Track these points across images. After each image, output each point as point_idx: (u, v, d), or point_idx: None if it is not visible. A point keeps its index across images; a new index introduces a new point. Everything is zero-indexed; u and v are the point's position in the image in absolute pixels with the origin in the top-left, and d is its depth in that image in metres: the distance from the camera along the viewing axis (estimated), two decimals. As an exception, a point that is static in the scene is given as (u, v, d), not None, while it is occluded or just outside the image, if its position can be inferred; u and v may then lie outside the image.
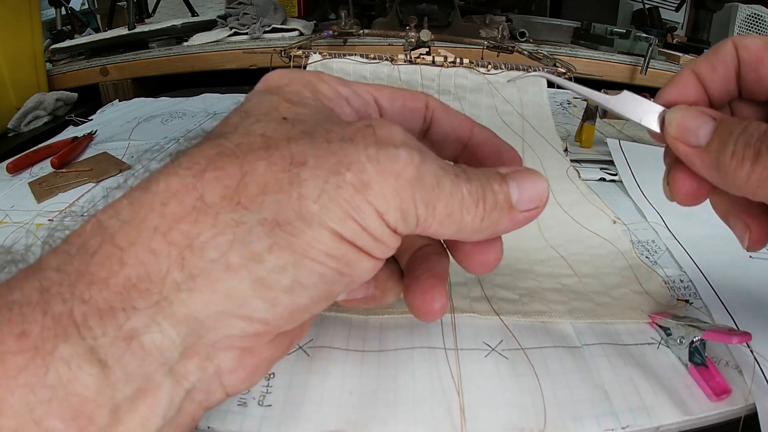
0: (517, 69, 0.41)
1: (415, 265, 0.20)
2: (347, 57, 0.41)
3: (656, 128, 0.19)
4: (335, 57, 0.41)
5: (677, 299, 0.30)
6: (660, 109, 0.19)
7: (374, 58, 0.41)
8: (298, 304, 0.15)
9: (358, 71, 0.41)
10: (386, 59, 0.41)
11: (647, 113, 0.19)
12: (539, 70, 0.41)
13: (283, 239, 0.14)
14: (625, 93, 0.19)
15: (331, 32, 0.47)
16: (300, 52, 0.41)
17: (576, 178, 0.41)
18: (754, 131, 0.16)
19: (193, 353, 0.14)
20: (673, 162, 0.19)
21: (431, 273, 0.20)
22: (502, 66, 0.40)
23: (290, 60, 0.41)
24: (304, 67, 0.41)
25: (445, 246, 0.21)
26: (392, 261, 0.21)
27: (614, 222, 0.37)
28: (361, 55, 0.41)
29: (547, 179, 0.18)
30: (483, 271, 0.19)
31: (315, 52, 0.41)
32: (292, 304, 0.15)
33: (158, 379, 0.14)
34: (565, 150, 0.42)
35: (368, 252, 0.15)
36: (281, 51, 0.42)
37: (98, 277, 0.13)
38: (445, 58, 0.41)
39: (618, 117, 0.45)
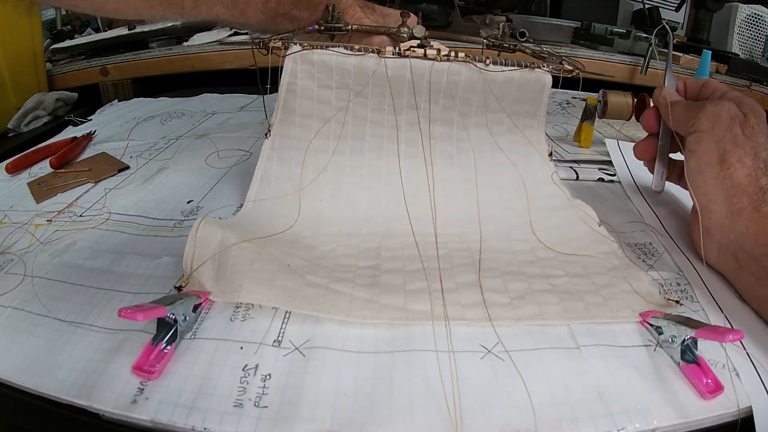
0: (521, 66, 0.39)
1: None
2: (330, 49, 0.39)
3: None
4: (316, 48, 0.39)
5: (668, 299, 0.30)
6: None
7: (359, 50, 0.38)
8: None
9: (341, 64, 0.38)
10: (372, 51, 0.38)
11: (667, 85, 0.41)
12: (543, 67, 0.40)
13: None
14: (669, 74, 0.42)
15: (316, 27, 0.45)
16: (279, 43, 0.39)
17: (560, 182, 0.41)
18: (684, 102, 0.38)
19: None
20: (651, 110, 0.41)
21: None
22: (505, 62, 0.39)
23: (269, 52, 0.39)
24: (283, 59, 0.39)
25: None
26: None
27: (599, 224, 0.37)
28: (345, 47, 0.39)
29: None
30: None
31: (295, 43, 0.39)
32: None
33: None
34: (550, 155, 0.42)
35: None
36: (260, 42, 0.40)
37: None
38: (438, 51, 0.38)
39: (617, 117, 0.47)
